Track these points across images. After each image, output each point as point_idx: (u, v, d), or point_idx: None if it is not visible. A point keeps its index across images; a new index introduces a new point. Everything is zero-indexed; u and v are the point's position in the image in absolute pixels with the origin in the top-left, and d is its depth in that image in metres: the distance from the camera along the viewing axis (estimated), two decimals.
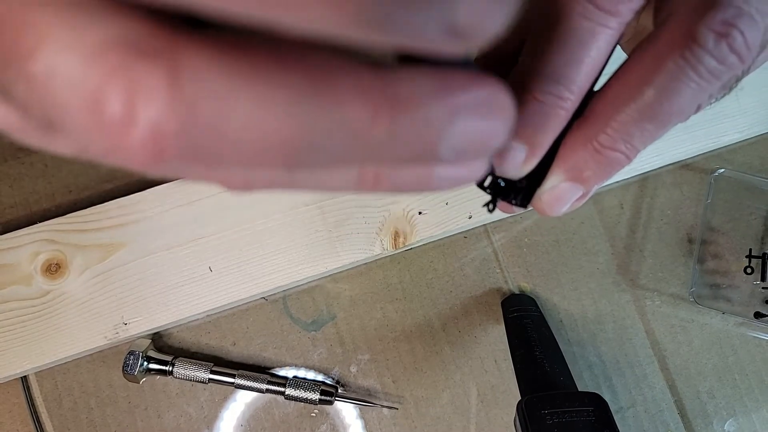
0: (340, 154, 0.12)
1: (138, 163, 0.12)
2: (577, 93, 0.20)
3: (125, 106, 0.10)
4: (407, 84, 0.12)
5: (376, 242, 0.44)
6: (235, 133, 0.11)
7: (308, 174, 0.14)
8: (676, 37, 0.19)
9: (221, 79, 0.11)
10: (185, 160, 0.11)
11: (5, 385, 0.43)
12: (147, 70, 0.10)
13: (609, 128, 0.20)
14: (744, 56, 0.19)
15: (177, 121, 0.11)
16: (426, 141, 0.13)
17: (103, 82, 0.10)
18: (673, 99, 0.19)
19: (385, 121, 0.12)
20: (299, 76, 0.11)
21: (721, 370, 0.44)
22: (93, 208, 0.44)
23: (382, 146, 0.12)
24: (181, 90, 0.11)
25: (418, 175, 0.15)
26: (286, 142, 0.12)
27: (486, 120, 0.14)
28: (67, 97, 0.11)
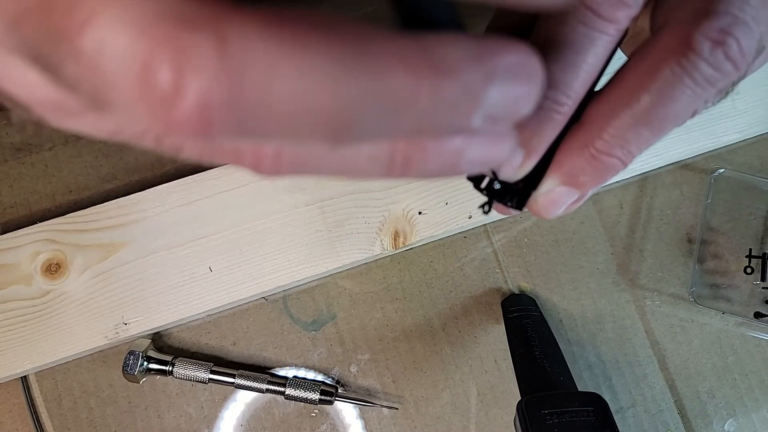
0: (383, 124, 0.12)
1: (184, 138, 0.12)
2: (573, 98, 0.20)
3: (174, 77, 0.11)
4: (447, 50, 0.12)
5: (376, 242, 0.44)
6: (282, 102, 0.11)
7: (341, 152, 0.14)
8: (673, 44, 0.19)
9: (267, 49, 0.11)
10: (232, 132, 0.12)
11: (5, 385, 0.43)
12: (195, 41, 0.10)
13: (605, 134, 0.20)
14: (739, 64, 0.19)
15: (225, 91, 0.11)
16: (464, 107, 0.13)
17: (152, 54, 0.11)
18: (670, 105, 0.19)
19: (428, 88, 0.12)
20: (343, 44, 0.11)
21: (721, 370, 0.44)
22: (93, 208, 0.44)
23: (424, 114, 0.12)
24: (229, 60, 0.11)
25: (447, 157, 0.15)
26: (332, 111, 0.12)
27: (519, 84, 0.14)
28: (116, 71, 0.11)
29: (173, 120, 0.11)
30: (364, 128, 0.12)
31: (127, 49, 0.11)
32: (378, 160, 0.14)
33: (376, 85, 0.12)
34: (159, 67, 0.11)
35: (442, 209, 0.44)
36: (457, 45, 0.13)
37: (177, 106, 0.11)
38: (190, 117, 0.11)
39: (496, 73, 0.13)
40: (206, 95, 0.11)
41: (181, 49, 0.10)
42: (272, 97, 0.11)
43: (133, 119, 0.12)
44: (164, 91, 0.11)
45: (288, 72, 0.11)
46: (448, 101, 0.13)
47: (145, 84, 0.11)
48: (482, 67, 0.13)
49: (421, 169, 0.15)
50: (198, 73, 0.11)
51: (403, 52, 0.12)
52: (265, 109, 0.11)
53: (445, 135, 0.14)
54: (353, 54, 0.11)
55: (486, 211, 0.23)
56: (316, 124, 0.12)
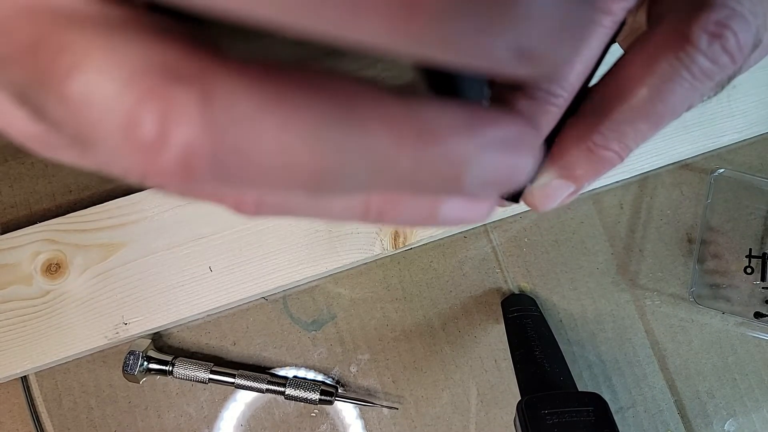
0: (362, 181, 0.12)
1: (166, 182, 0.12)
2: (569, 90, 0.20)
3: (159, 128, 0.11)
4: (435, 116, 0.12)
5: (376, 242, 0.44)
6: (263, 156, 0.11)
7: (319, 202, 0.14)
8: (670, 38, 0.19)
9: (251, 104, 0.11)
10: (212, 181, 0.12)
11: (5, 385, 0.43)
12: (181, 94, 0.11)
13: (602, 127, 0.20)
14: (736, 57, 0.19)
15: (208, 143, 0.11)
16: (450, 173, 0.13)
17: (138, 105, 0.11)
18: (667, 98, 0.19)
19: (410, 151, 0.12)
20: (326, 102, 0.11)
21: (721, 370, 0.44)
22: (93, 208, 0.44)
23: (405, 176, 0.12)
24: (213, 114, 0.11)
25: (422, 212, 0.15)
26: (311, 167, 0.12)
27: (510, 157, 0.14)
28: (101, 118, 0.11)
29: (155, 166, 0.11)
30: (343, 184, 0.12)
31: (113, 97, 0.11)
32: (353, 210, 0.15)
33: (357, 146, 0.12)
34: (144, 118, 0.11)
35: None
36: (447, 112, 0.12)
37: (160, 155, 0.11)
38: (172, 166, 0.11)
39: (485, 144, 0.13)
40: (189, 147, 0.11)
41: (167, 102, 0.11)
42: (253, 151, 0.11)
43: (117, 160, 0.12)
44: (148, 140, 0.11)
45: (270, 128, 0.11)
46: (431, 167, 0.13)
47: (129, 132, 0.11)
48: (471, 137, 0.13)
49: (395, 220, 0.15)
50: (182, 125, 0.11)
51: (388, 114, 0.12)
52: (246, 161, 0.11)
53: (427, 195, 0.14)
54: (335, 111, 0.11)
55: None
56: (295, 178, 0.12)
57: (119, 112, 0.11)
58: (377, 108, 0.12)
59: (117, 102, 0.11)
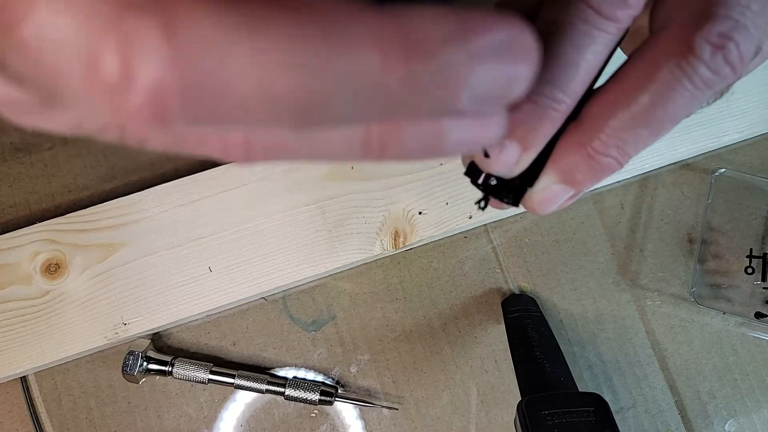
0: (351, 109, 0.11)
1: (139, 127, 0.11)
2: (572, 96, 0.20)
3: (122, 64, 0.10)
4: (422, 26, 0.11)
5: (376, 242, 0.44)
6: (239, 86, 0.10)
7: (313, 136, 0.13)
8: (673, 46, 0.19)
9: (219, 29, 0.10)
10: (188, 119, 0.11)
11: (5, 385, 0.43)
12: (141, 24, 0.10)
13: (603, 134, 0.20)
14: (737, 68, 0.19)
15: (176, 77, 0.10)
16: (444, 90, 0.12)
17: (96, 41, 0.10)
18: (668, 106, 0.19)
19: (400, 69, 0.11)
20: (302, 21, 0.10)
21: (722, 370, 0.44)
22: (93, 208, 0.44)
23: (397, 97, 0.11)
24: (178, 43, 0.10)
25: (429, 138, 0.14)
26: (293, 95, 0.11)
27: (510, 63, 0.13)
28: (60, 61, 0.10)
29: (125, 110, 0.10)
30: (331, 113, 0.11)
31: (69, 36, 0.10)
32: (352, 144, 0.13)
33: (342, 69, 0.11)
34: (104, 55, 0.10)
35: (442, 209, 0.44)
36: (437, 21, 0.11)
37: (127, 96, 0.10)
38: (142, 106, 0.10)
39: (481, 52, 0.12)
40: (156, 83, 0.10)
41: (127, 35, 0.10)
42: (227, 82, 0.10)
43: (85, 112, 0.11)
44: (112, 80, 0.10)
45: (243, 55, 0.10)
46: (426, 84, 0.11)
47: (91, 74, 0.10)
48: (465, 46, 0.12)
49: (400, 151, 0.14)
50: (146, 59, 0.10)
51: (373, 30, 0.11)
52: (221, 95, 0.11)
53: (426, 118, 0.13)
54: (316, 33, 0.10)
55: (482, 207, 0.23)
56: (278, 110, 0.11)
57: (77, 51, 0.10)
58: (359, 23, 0.11)
59: (74, 40, 0.10)
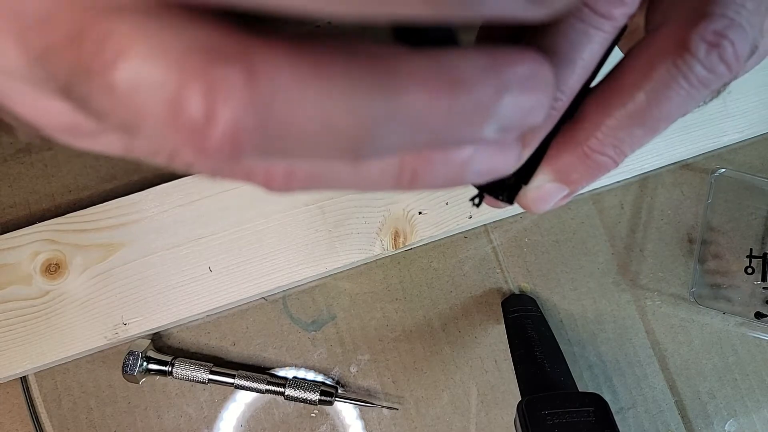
0: (398, 139, 0.13)
1: (212, 160, 0.12)
2: (567, 94, 0.20)
3: (206, 107, 0.11)
4: (462, 65, 0.13)
5: (376, 242, 0.44)
6: (306, 125, 0.12)
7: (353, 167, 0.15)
8: (669, 45, 0.19)
9: (293, 76, 0.11)
10: (258, 154, 0.12)
11: (5, 385, 0.43)
12: (225, 72, 0.11)
13: (599, 132, 0.20)
14: (733, 66, 0.19)
15: (254, 118, 0.11)
16: (477, 119, 0.13)
17: (184, 86, 0.11)
18: (664, 105, 0.20)
19: (444, 104, 0.13)
20: (361, 67, 0.12)
21: (722, 370, 0.44)
22: (93, 208, 0.44)
23: (438, 128, 0.13)
24: (258, 89, 0.11)
25: (454, 168, 0.15)
26: (352, 131, 0.12)
27: (532, 94, 0.14)
28: (148, 103, 0.11)
29: (203, 146, 0.12)
30: (381, 145, 0.13)
31: (159, 82, 0.11)
32: (387, 175, 0.15)
33: (393, 104, 0.12)
34: (192, 98, 0.11)
35: (442, 209, 0.44)
36: (471, 59, 0.13)
37: (208, 134, 0.11)
38: (220, 143, 0.12)
39: (509, 84, 0.13)
40: (236, 123, 0.11)
41: (213, 81, 0.11)
42: (297, 120, 0.12)
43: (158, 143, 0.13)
44: (196, 120, 0.11)
45: (311, 96, 0.12)
46: (463, 115, 0.13)
47: (177, 114, 0.11)
48: (496, 79, 0.13)
49: (428, 180, 0.15)
50: (229, 102, 0.11)
51: (419, 69, 0.12)
52: (291, 131, 0.12)
53: (454, 146, 0.15)
54: (371, 76, 0.12)
55: (477, 204, 0.23)
56: (337, 143, 0.12)
57: (166, 95, 0.11)
58: (407, 66, 0.12)
59: (164, 86, 0.11)
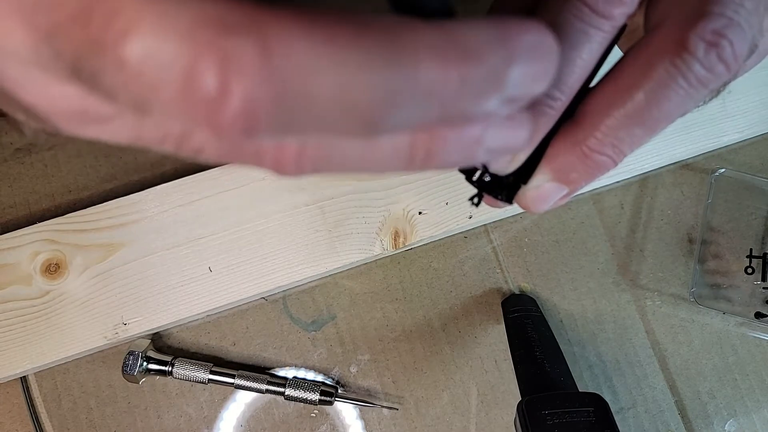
0: (413, 112, 0.13)
1: (226, 137, 0.12)
2: (567, 93, 0.20)
3: (221, 80, 0.11)
4: (472, 35, 0.13)
5: (376, 242, 0.44)
6: (322, 98, 0.12)
7: (364, 146, 0.14)
8: (668, 44, 0.19)
9: (306, 49, 0.11)
10: (275, 129, 0.12)
11: (5, 385, 0.43)
12: (238, 45, 0.11)
13: (598, 132, 0.20)
14: (731, 66, 0.19)
15: (269, 91, 0.11)
16: (487, 90, 0.13)
17: (196, 60, 0.11)
18: (663, 104, 0.20)
19: (457, 74, 0.13)
20: (375, 38, 0.12)
21: (722, 370, 0.44)
22: (93, 208, 0.44)
23: (451, 100, 0.13)
24: (272, 62, 0.11)
25: (467, 145, 0.15)
26: (367, 103, 0.12)
27: (538, 62, 0.14)
28: (160, 78, 0.11)
29: (219, 121, 0.11)
30: (396, 118, 0.13)
31: (171, 56, 0.11)
32: (399, 153, 0.15)
33: (408, 75, 0.12)
34: (205, 71, 0.11)
35: (442, 209, 0.44)
36: (480, 29, 0.13)
37: (223, 109, 0.11)
38: (236, 118, 0.11)
39: (517, 53, 0.13)
40: (252, 96, 0.11)
41: (226, 54, 0.11)
42: (312, 94, 0.12)
43: (172, 121, 0.12)
44: (210, 94, 0.11)
45: (326, 69, 0.11)
46: (474, 86, 0.13)
47: (190, 89, 0.11)
48: (504, 48, 0.13)
49: (442, 158, 0.15)
50: (243, 75, 0.11)
51: (431, 41, 0.12)
52: (307, 105, 0.12)
53: (466, 122, 0.15)
54: (385, 46, 0.12)
55: (476, 203, 0.23)
56: (353, 117, 0.12)
57: (178, 69, 0.11)
58: (420, 38, 0.12)
59: (175, 59, 0.11)
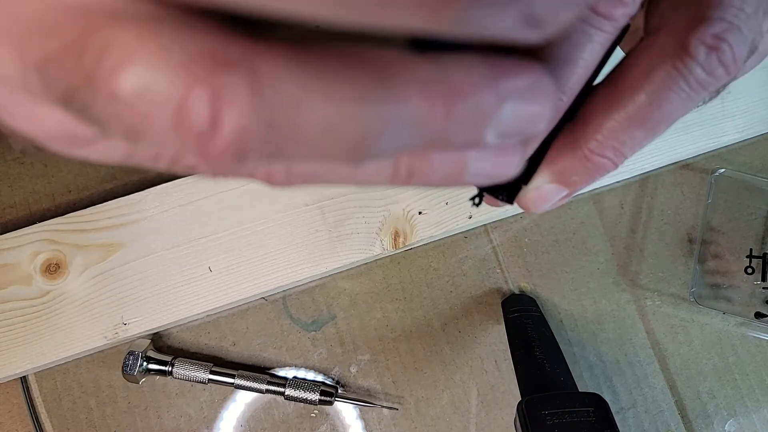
0: (398, 143, 0.13)
1: (216, 165, 0.12)
2: (568, 94, 0.20)
3: (212, 113, 0.11)
4: (461, 72, 0.13)
5: (376, 242, 0.44)
6: (309, 130, 0.12)
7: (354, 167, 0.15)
8: (669, 47, 0.20)
9: (297, 83, 0.12)
10: (262, 157, 0.12)
11: (5, 385, 0.43)
12: (230, 78, 0.11)
13: (599, 134, 0.21)
14: (731, 69, 0.19)
15: (259, 123, 0.11)
16: (475, 126, 0.13)
17: (189, 92, 0.11)
18: (664, 107, 0.20)
19: (442, 110, 0.13)
20: (364, 73, 0.12)
21: (722, 370, 0.44)
22: (93, 208, 0.44)
23: (436, 133, 0.13)
24: (262, 95, 0.11)
25: (453, 168, 0.15)
26: (353, 135, 0.12)
27: (531, 104, 0.14)
28: (153, 110, 0.11)
29: (209, 151, 0.12)
30: (380, 148, 0.13)
31: (165, 89, 0.11)
32: (383, 172, 0.15)
33: (394, 109, 0.12)
34: (197, 104, 0.11)
35: (442, 209, 0.44)
36: (471, 67, 0.13)
37: (214, 140, 0.12)
38: (225, 149, 0.12)
39: (508, 94, 0.14)
40: (241, 128, 0.11)
41: (218, 87, 0.11)
42: (300, 125, 0.12)
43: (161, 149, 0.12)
44: (201, 126, 0.11)
45: (315, 102, 0.12)
46: (461, 122, 0.13)
47: (182, 121, 0.11)
48: (495, 88, 0.13)
49: (425, 178, 0.15)
50: (233, 109, 0.11)
51: (419, 76, 0.13)
52: (294, 136, 0.12)
53: (455, 150, 0.15)
54: (373, 81, 0.12)
55: (476, 204, 0.23)
56: (339, 148, 0.13)
57: (171, 102, 0.11)
58: (409, 72, 0.12)
59: (168, 93, 0.11)
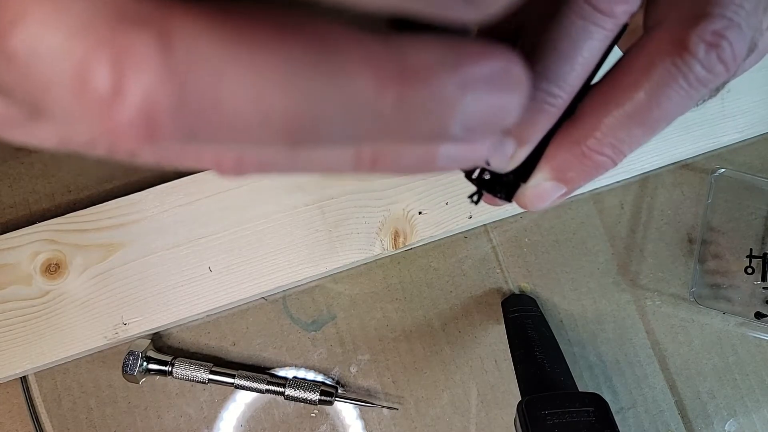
0: (343, 131, 0.11)
1: (127, 144, 0.11)
2: (568, 91, 0.20)
3: (114, 78, 0.10)
4: (417, 54, 0.11)
5: (376, 242, 0.44)
6: (233, 105, 0.10)
7: (304, 153, 0.13)
8: (668, 44, 0.19)
9: (216, 47, 0.10)
10: (179, 137, 0.11)
11: (5, 385, 0.43)
12: (136, 38, 0.10)
13: (598, 132, 0.20)
14: (731, 66, 0.19)
15: (170, 92, 0.10)
16: (435, 117, 0.12)
17: (88, 55, 0.10)
18: (663, 104, 0.20)
19: (393, 94, 0.11)
20: (300, 44, 0.10)
21: (722, 370, 0.44)
22: (93, 208, 0.44)
23: (389, 122, 0.12)
24: (174, 58, 0.10)
25: (421, 155, 0.14)
26: (287, 116, 0.11)
27: (500, 94, 0.13)
28: (50, 74, 0.10)
29: (114, 125, 0.10)
30: (323, 134, 0.11)
31: (61, 49, 0.10)
32: (343, 160, 0.14)
33: (335, 90, 0.11)
34: (96, 68, 0.10)
35: (442, 209, 0.44)
36: (430, 50, 0.12)
37: (118, 111, 0.10)
38: (132, 122, 0.10)
39: (472, 81, 0.12)
40: (149, 98, 0.10)
41: (121, 49, 0.10)
42: (221, 100, 0.10)
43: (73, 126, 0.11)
44: (103, 94, 0.10)
45: (238, 73, 0.10)
46: (417, 110, 0.12)
47: (81, 87, 0.10)
48: (457, 75, 0.12)
49: (392, 167, 0.14)
50: (139, 74, 0.10)
51: (368, 55, 0.11)
52: (214, 112, 0.10)
53: (417, 142, 0.13)
54: (311, 55, 0.10)
55: (475, 201, 0.23)
56: (271, 130, 0.11)
57: (68, 64, 0.10)
58: (355, 48, 0.11)
59: (65, 53, 0.10)
